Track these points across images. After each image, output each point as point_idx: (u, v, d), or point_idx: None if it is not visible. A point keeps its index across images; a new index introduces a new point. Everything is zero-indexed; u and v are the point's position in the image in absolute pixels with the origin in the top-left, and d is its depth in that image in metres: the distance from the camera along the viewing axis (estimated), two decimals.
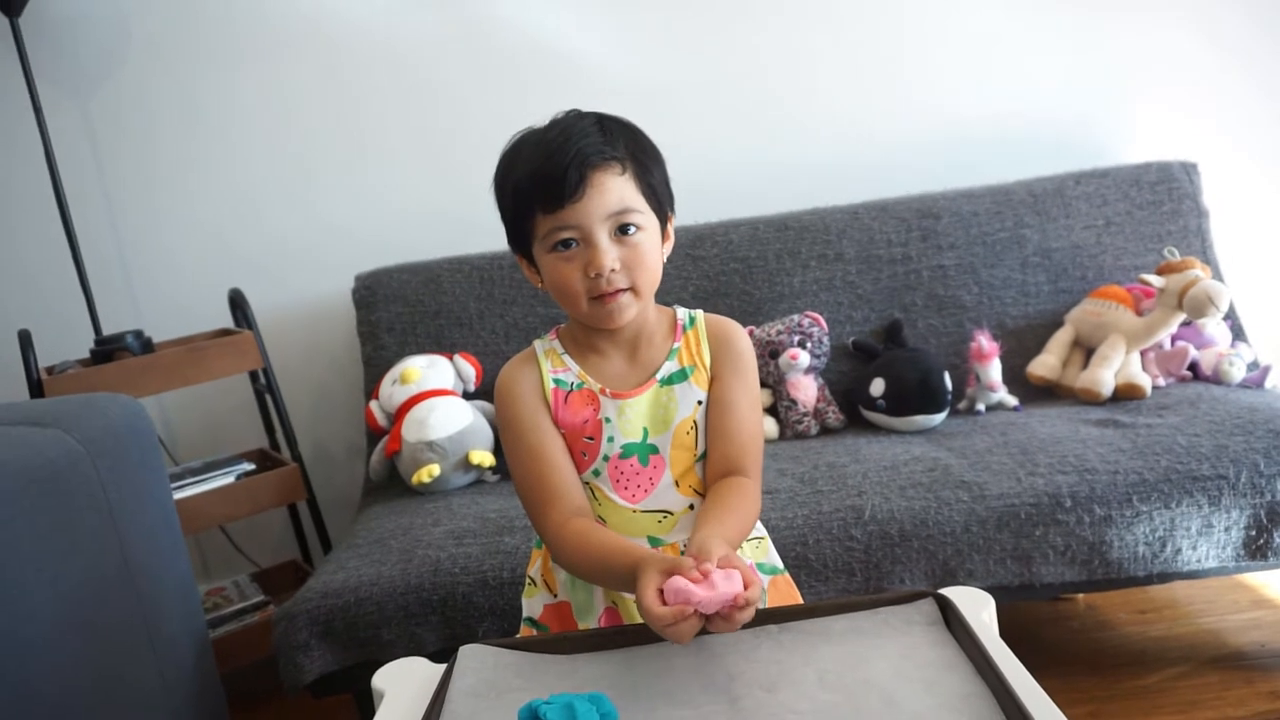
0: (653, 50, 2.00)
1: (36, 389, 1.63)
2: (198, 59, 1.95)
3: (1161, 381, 1.67)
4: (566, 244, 0.87)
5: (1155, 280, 1.64)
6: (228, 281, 1.90)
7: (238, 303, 1.85)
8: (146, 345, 1.77)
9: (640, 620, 0.91)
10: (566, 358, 0.96)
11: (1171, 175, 1.87)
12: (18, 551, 1.00)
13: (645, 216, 0.89)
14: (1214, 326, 1.69)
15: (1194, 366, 1.70)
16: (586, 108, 0.93)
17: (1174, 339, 1.71)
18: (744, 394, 0.94)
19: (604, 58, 1.99)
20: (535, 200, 0.86)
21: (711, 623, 0.72)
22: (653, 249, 0.90)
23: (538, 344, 0.98)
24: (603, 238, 0.86)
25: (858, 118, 2.04)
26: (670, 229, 0.95)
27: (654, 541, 0.94)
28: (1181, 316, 1.63)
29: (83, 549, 1.11)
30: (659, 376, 0.94)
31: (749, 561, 0.97)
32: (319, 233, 2.02)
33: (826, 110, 2.04)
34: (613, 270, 0.86)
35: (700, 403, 0.94)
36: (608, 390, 0.93)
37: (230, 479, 1.75)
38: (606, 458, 0.93)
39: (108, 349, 1.73)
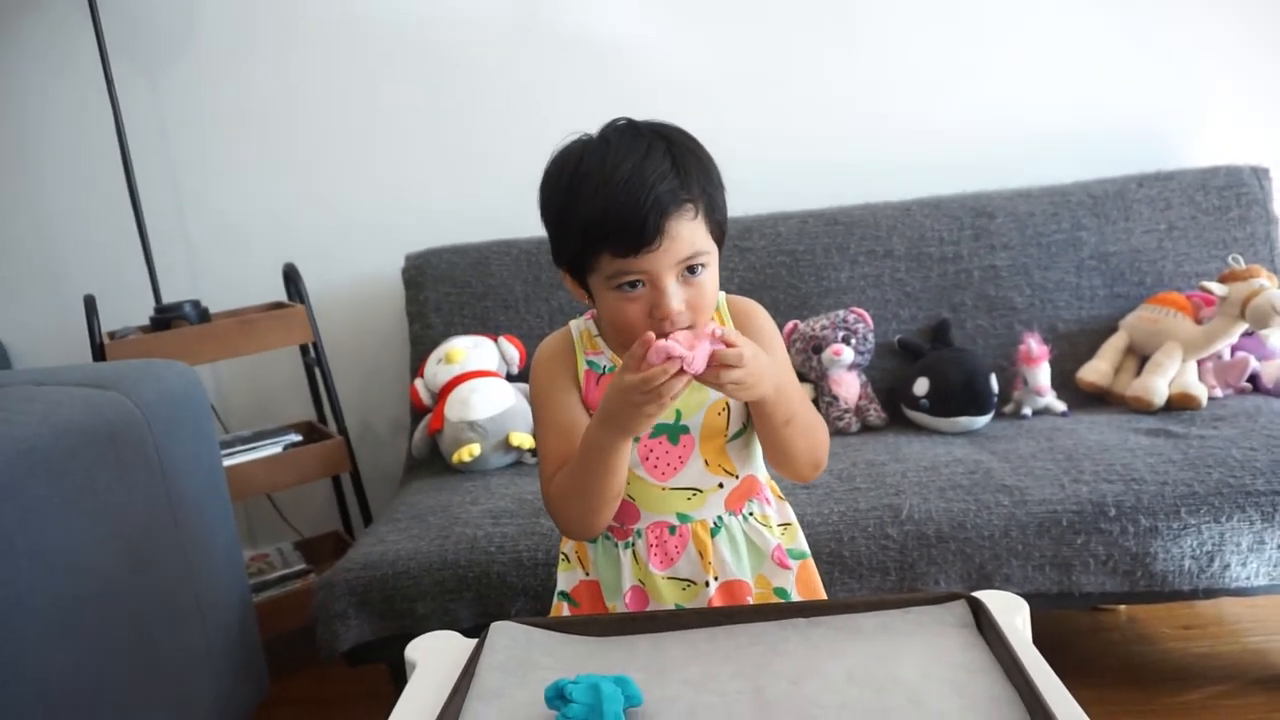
0: (708, 40, 1.98)
1: (99, 352, 1.69)
2: (262, 41, 2.00)
3: (1219, 393, 1.62)
4: (632, 284, 0.86)
5: (1217, 288, 1.59)
6: (282, 256, 1.94)
7: (291, 277, 1.89)
8: (203, 315, 1.82)
9: (669, 605, 0.93)
10: (600, 340, 0.97)
11: (1241, 180, 1.81)
12: (75, 506, 1.05)
13: (711, 254, 0.88)
14: (1277, 338, 1.64)
15: (1254, 379, 1.64)
16: (647, 97, 0.91)
17: (1234, 349, 1.66)
18: (779, 359, 0.96)
19: (658, 47, 1.98)
20: (605, 243, 0.84)
21: (703, 377, 0.79)
22: (714, 283, 0.90)
23: (574, 325, 0.99)
24: (671, 282, 0.85)
25: (913, 112, 2.01)
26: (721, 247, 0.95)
27: (683, 518, 0.96)
28: (1243, 326, 1.58)
29: (135, 507, 1.15)
30: None
31: (776, 542, 0.98)
32: (372, 212, 2.06)
33: (881, 104, 2.01)
34: (678, 312, 0.86)
35: None
36: None
37: (278, 449, 1.80)
38: (636, 437, 0.94)
39: (166, 317, 1.79)
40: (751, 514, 0.98)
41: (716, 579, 0.95)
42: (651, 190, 0.82)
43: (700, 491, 0.95)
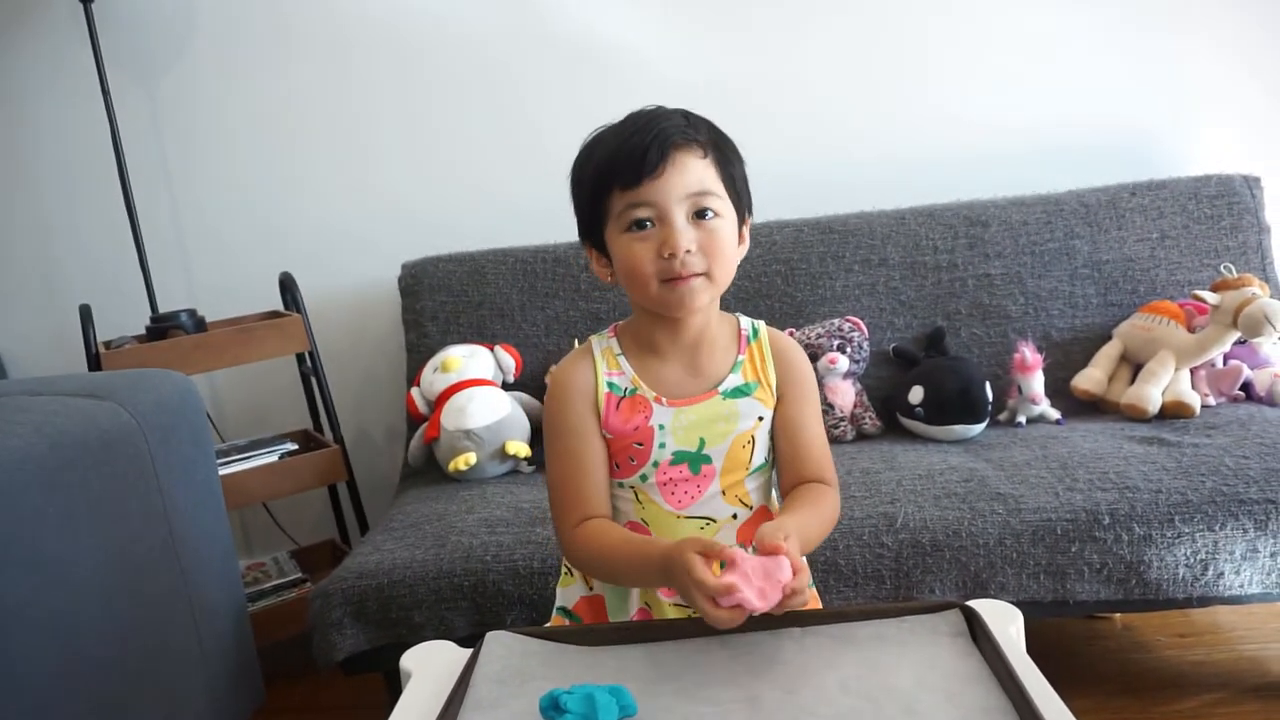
0: (704, 49, 1.99)
1: (94, 362, 1.69)
2: (261, 48, 2.01)
3: (1212, 401, 1.63)
4: (641, 224, 0.85)
5: (1210, 297, 1.60)
6: (279, 265, 1.94)
7: (288, 286, 1.89)
8: (199, 324, 1.82)
9: (670, 616, 0.93)
10: (623, 360, 0.94)
11: (1232, 189, 1.82)
12: (71, 516, 1.05)
13: (724, 204, 0.88)
14: (1270, 346, 1.65)
15: (1247, 387, 1.65)
16: (642, 103, 0.93)
17: (1227, 358, 1.67)
18: (811, 412, 0.95)
19: (655, 57, 1.99)
20: (614, 177, 0.85)
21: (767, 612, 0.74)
22: (730, 238, 0.88)
23: (595, 342, 0.97)
24: (679, 218, 0.85)
25: (909, 123, 2.02)
26: (746, 231, 0.94)
27: None
28: (1235, 335, 1.59)
29: (130, 517, 1.15)
30: (722, 389, 0.93)
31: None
32: (368, 221, 2.07)
33: (876, 113, 2.02)
34: (688, 252, 0.84)
35: (761, 419, 0.94)
36: (663, 399, 0.92)
37: (274, 458, 1.80)
38: (656, 463, 0.92)
39: (163, 326, 1.79)
40: None
41: None
42: (657, 125, 0.85)
43: (714, 521, 0.94)
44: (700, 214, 0.86)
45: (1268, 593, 1.30)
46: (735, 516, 0.95)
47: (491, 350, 1.81)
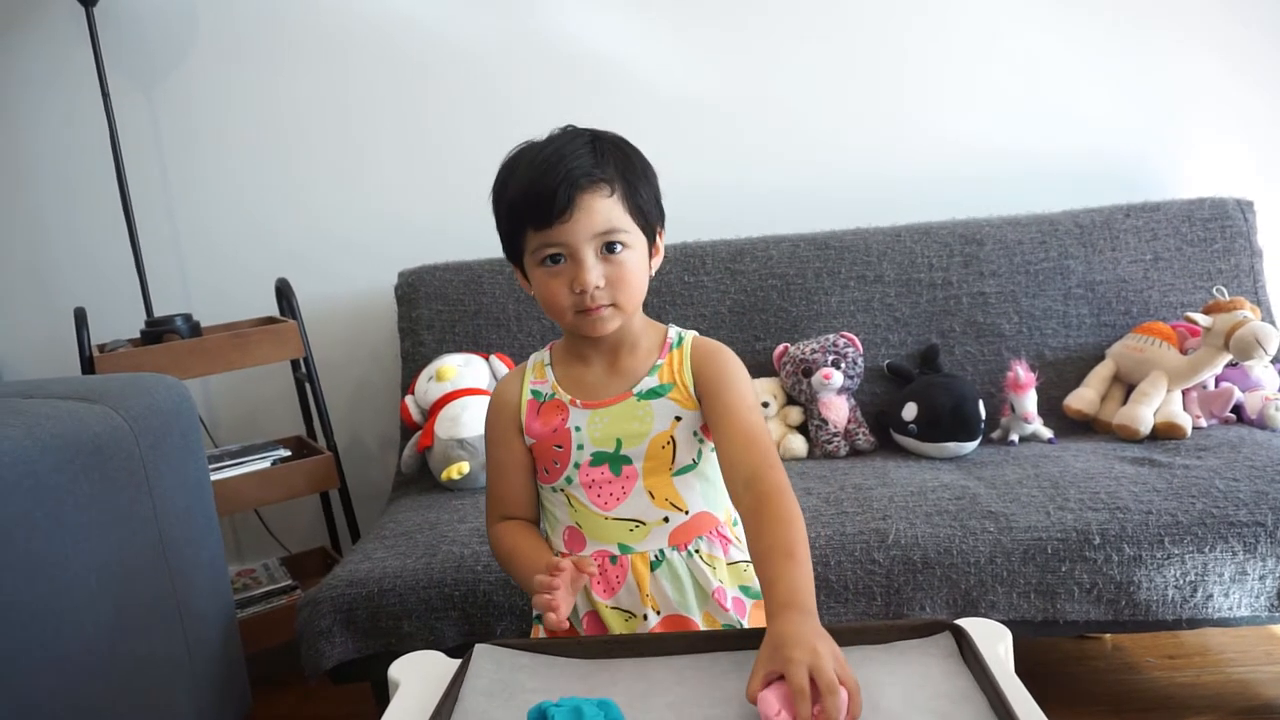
0: (703, 66, 2.00)
1: (88, 365, 1.69)
2: (260, 55, 2.01)
3: (1203, 423, 1.63)
4: (555, 259, 0.90)
5: (1201, 319, 1.61)
6: (275, 271, 1.94)
7: (284, 292, 1.89)
8: (194, 329, 1.82)
9: (610, 621, 0.96)
10: (549, 369, 1.01)
11: (1226, 212, 1.84)
12: (61, 520, 1.04)
13: (631, 235, 0.92)
14: (1261, 369, 1.66)
15: (1238, 409, 1.66)
16: (636, 117, 0.95)
17: (1219, 380, 1.68)
18: (737, 397, 0.94)
19: (651, 68, 2.00)
20: (526, 217, 0.90)
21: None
22: (638, 267, 0.93)
23: (532, 357, 1.04)
24: (589, 255, 0.89)
25: (906, 140, 2.03)
26: (660, 243, 0.98)
27: (624, 548, 0.96)
28: (1227, 357, 1.60)
29: (121, 522, 1.15)
30: (636, 390, 0.96)
31: (716, 584, 0.96)
32: (365, 228, 2.07)
33: (873, 131, 2.03)
34: (597, 287, 0.90)
35: (679, 419, 0.96)
36: (578, 401, 0.97)
37: (266, 464, 1.79)
38: (577, 465, 0.96)
39: (157, 330, 1.78)
40: (698, 551, 0.96)
41: (658, 613, 0.95)
42: (565, 166, 0.88)
43: (643, 524, 0.96)
44: (609, 248, 0.90)
45: (1256, 615, 1.31)
46: (667, 520, 0.96)
47: (487, 360, 1.81)
